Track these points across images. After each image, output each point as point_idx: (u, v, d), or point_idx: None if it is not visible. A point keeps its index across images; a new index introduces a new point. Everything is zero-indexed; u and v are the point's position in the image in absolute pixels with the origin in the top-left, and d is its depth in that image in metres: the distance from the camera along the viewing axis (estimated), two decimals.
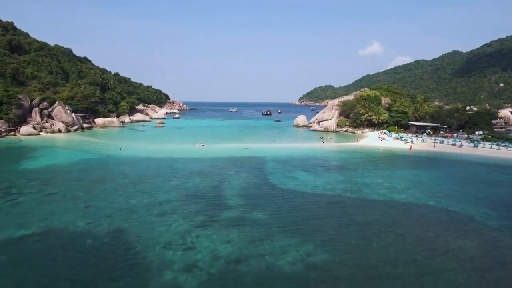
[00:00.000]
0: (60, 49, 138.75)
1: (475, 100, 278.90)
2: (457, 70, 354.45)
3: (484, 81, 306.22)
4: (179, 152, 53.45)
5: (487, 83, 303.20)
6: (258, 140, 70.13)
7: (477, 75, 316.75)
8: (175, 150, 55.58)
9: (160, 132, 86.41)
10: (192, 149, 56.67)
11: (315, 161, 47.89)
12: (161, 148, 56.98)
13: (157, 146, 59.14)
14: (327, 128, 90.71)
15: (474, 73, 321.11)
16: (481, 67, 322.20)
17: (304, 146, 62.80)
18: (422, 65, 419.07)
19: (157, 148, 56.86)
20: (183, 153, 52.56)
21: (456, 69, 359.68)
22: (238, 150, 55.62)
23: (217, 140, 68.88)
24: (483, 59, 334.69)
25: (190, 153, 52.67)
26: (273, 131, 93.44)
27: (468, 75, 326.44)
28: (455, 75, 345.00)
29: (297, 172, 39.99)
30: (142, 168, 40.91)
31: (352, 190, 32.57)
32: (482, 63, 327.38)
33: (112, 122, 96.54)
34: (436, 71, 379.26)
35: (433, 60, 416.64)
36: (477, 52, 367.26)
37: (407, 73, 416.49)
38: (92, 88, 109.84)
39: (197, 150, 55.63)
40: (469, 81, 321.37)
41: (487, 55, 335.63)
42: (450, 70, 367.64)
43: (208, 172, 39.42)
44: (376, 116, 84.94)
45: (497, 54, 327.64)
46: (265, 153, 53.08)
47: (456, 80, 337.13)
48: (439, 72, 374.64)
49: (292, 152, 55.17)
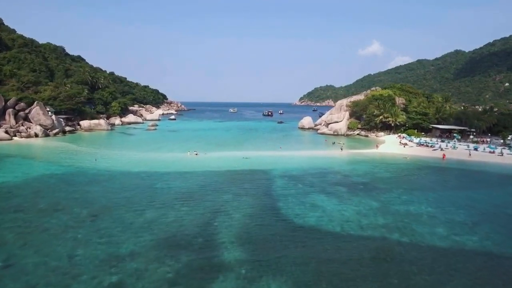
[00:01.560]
0: (49, 47, 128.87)
1: (480, 100, 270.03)
2: (460, 70, 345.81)
3: (489, 80, 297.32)
4: (166, 163, 43.57)
5: (492, 82, 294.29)
6: (261, 147, 60.29)
7: (481, 75, 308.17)
8: (163, 160, 45.72)
9: (151, 136, 76.45)
10: (183, 159, 46.80)
11: (333, 176, 37.99)
12: (146, 158, 47.10)
13: (141, 156, 49.22)
14: (337, 131, 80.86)
15: (478, 73, 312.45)
16: (485, 66, 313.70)
17: (315, 154, 52.87)
18: (424, 65, 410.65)
19: (141, 158, 46.95)
20: (172, 165, 42.67)
21: (459, 68, 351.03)
22: (238, 161, 45.77)
23: (213, 147, 59.02)
24: (487, 58, 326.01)
25: (180, 165, 42.78)
26: (276, 134, 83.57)
27: (472, 74, 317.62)
28: (459, 75, 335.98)
29: (315, 195, 30.11)
30: (112, 190, 31.00)
31: (398, 229, 22.67)
32: (486, 62, 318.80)
33: (99, 124, 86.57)
34: (438, 71, 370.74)
35: (435, 60, 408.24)
36: (480, 51, 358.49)
37: (409, 72, 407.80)
38: (80, 87, 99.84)
39: (188, 161, 45.76)
40: (473, 81, 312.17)
41: (491, 54, 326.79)
42: (453, 69, 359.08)
43: (198, 196, 29.49)
44: (392, 118, 75.10)
45: (502, 53, 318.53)
46: (270, 165, 43.22)
47: (459, 79, 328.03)
48: (442, 72, 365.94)
49: (303, 163, 45.30)
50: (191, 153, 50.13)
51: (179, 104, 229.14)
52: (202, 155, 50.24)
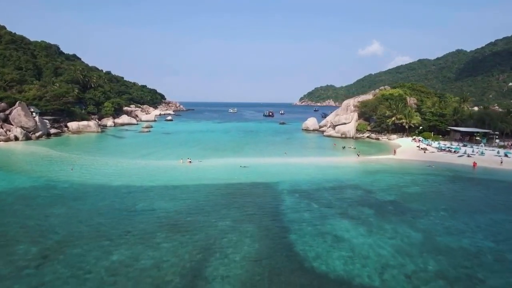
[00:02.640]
0: (40, 44, 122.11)
1: (483, 100, 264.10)
2: (463, 69, 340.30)
3: (492, 80, 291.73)
4: (154, 174, 36.89)
5: (495, 82, 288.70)
6: (263, 152, 53.69)
7: (484, 74, 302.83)
8: (150, 170, 39.03)
9: (143, 139, 69.70)
10: (174, 169, 40.13)
11: (353, 192, 31.35)
12: (131, 167, 40.40)
13: (127, 164, 42.52)
14: (345, 133, 74.27)
15: (480, 72, 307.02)
16: (488, 66, 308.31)
17: (326, 162, 46.18)
18: (425, 65, 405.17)
19: (125, 168, 40.26)
20: (160, 176, 36.01)
21: (461, 68, 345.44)
22: (237, 171, 39.13)
23: (209, 152, 52.37)
24: (490, 57, 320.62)
25: (170, 176, 36.12)
26: (279, 137, 76.95)
27: (475, 74, 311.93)
28: (461, 75, 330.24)
29: (335, 221, 23.50)
30: (80, 214, 24.35)
31: (461, 281, 16.08)
32: (489, 62, 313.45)
33: (88, 126, 79.89)
34: (440, 71, 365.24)
35: (436, 59, 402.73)
36: (482, 51, 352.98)
37: (410, 72, 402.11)
38: (70, 86, 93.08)
39: (180, 171, 39.09)
40: (476, 81, 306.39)
41: (494, 54, 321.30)
42: (455, 69, 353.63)
43: (187, 224, 22.84)
44: (406, 119, 68.52)
45: (505, 53, 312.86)
46: (275, 176, 36.58)
47: (462, 79, 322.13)
48: (444, 72, 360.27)
49: (314, 173, 38.64)
50: (183, 161, 43.47)
51: (177, 104, 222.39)
52: (196, 163, 43.60)
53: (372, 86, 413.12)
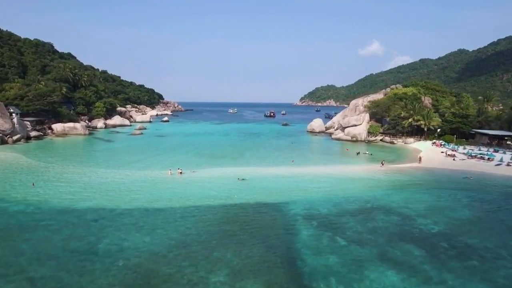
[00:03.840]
0: (29, 41, 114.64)
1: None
2: (465, 69, 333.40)
3: (496, 80, 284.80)
4: (133, 191, 29.48)
5: (499, 82, 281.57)
6: (267, 159, 46.34)
7: (488, 74, 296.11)
8: (130, 184, 31.63)
9: (133, 143, 62.19)
10: (160, 182, 32.74)
11: (387, 218, 23.97)
12: (108, 181, 32.99)
13: (104, 175, 35.11)
14: (356, 136, 66.91)
15: (484, 72, 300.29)
16: (492, 65, 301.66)
17: (343, 172, 38.61)
18: (427, 64, 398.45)
19: (101, 181, 32.85)
20: (140, 194, 28.58)
21: (464, 68, 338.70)
22: (236, 185, 31.79)
23: (205, 160, 45.00)
24: (493, 57, 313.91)
25: (152, 194, 28.71)
26: (283, 140, 69.55)
27: (478, 74, 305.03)
28: (464, 74, 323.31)
29: (376, 271, 16.18)
30: (16, 259, 17.02)
31: None
32: (492, 61, 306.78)
33: (75, 128, 72.50)
34: (443, 70, 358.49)
35: (438, 59, 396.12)
36: (485, 50, 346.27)
37: (412, 72, 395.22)
38: (57, 85, 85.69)
39: (166, 185, 31.69)
40: (479, 81, 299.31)
41: (497, 53, 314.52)
42: (457, 69, 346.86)
43: (160, 279, 15.51)
44: (424, 121, 61.16)
45: (508, 52, 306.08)
46: (283, 193, 29.21)
47: (465, 79, 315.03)
48: (447, 71, 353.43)
49: (331, 188, 31.23)
50: (173, 172, 36.13)
51: (176, 105, 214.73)
52: (188, 174, 36.25)
53: (374, 86, 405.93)
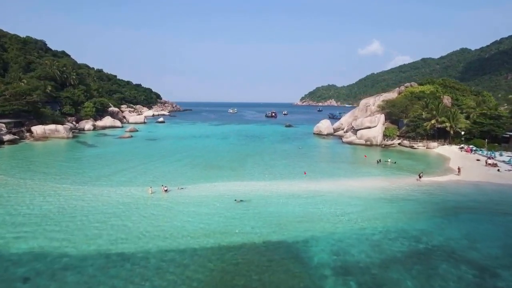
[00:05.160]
0: (16, 38, 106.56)
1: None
2: (468, 68, 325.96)
3: (500, 79, 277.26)
4: (96, 221, 21.19)
5: (503, 81, 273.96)
6: (273, 169, 38.13)
7: (492, 74, 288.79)
8: (94, 211, 23.34)
9: (118, 149, 53.90)
10: (135, 207, 24.52)
11: (453, 271, 15.78)
12: (67, 205, 24.65)
13: (65, 195, 26.85)
14: (370, 140, 58.78)
15: (488, 71, 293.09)
16: (496, 64, 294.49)
17: (369, 188, 30.31)
18: (429, 64, 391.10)
19: (55, 206, 24.52)
20: (104, 228, 20.30)
21: (467, 67, 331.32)
22: (235, 211, 23.68)
23: (198, 172, 36.75)
24: (497, 56, 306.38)
25: (120, 227, 20.45)
26: (289, 144, 61.39)
27: (481, 73, 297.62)
28: (467, 74, 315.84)
29: None
30: None
31: None
32: (496, 60, 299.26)
33: (57, 131, 64.40)
34: (445, 70, 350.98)
35: (440, 58, 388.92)
36: (488, 49, 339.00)
37: (414, 71, 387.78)
38: (41, 83, 77.67)
39: (142, 211, 23.48)
40: (483, 80, 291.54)
41: (501, 53, 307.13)
42: (460, 68, 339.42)
43: None
44: (450, 123, 53.07)
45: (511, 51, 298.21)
46: (299, 227, 20.98)
47: (469, 79, 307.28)
48: (449, 71, 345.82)
49: (361, 217, 22.96)
50: (154, 190, 28.01)
51: (174, 104, 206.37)
52: (175, 192, 28.17)
53: (375, 86, 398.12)
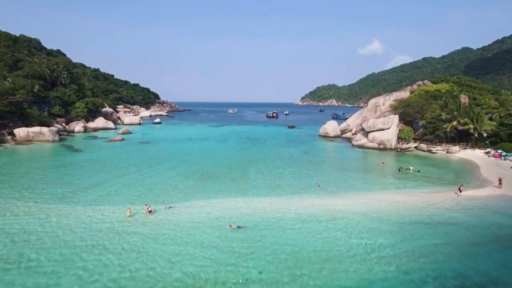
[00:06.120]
0: (6, 35, 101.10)
1: None
2: (470, 68, 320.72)
3: (503, 78, 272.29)
4: (42, 267, 15.56)
5: (507, 80, 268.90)
6: (279, 181, 32.45)
7: (495, 73, 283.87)
8: (50, 246, 17.54)
9: (105, 154, 48.01)
10: (106, 239, 18.75)
11: None
12: (17, 237, 19.07)
13: (17, 220, 21.19)
14: (383, 143, 53.10)
15: (490, 71, 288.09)
16: (498, 64, 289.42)
17: (400, 207, 24.64)
18: (430, 63, 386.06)
19: (2, 239, 19.01)
20: (51, 277, 14.75)
21: (469, 66, 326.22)
22: (234, 244, 18.01)
23: (191, 183, 30.98)
24: (500, 55, 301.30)
25: (73, 278, 14.86)
26: (294, 147, 55.65)
27: (484, 72, 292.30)
28: (469, 73, 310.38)
29: None
30: None
31: None
32: (499, 59, 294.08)
33: (41, 134, 58.73)
34: (447, 69, 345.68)
35: (442, 58, 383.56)
36: (490, 48, 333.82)
37: (415, 71, 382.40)
38: (28, 82, 72.08)
39: (112, 246, 17.66)
40: (486, 79, 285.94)
41: (503, 52, 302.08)
42: (462, 67, 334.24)
43: None
44: (474, 124, 47.42)
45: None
46: (323, 272, 15.35)
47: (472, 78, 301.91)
48: (451, 70, 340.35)
49: (402, 254, 17.25)
50: (132, 212, 22.29)
51: (172, 105, 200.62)
52: (162, 212, 22.52)
53: (376, 85, 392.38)
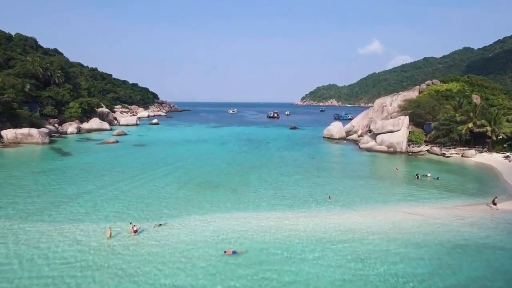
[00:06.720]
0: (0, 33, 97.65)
1: None
2: (472, 68, 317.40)
3: (506, 78, 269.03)
4: None
5: (509, 80, 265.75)
6: (284, 192, 28.96)
7: (496, 73, 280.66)
8: (5, 278, 14.30)
9: (96, 158, 44.39)
10: (77, 269, 15.20)
11: None
12: None
13: None
14: (393, 146, 49.65)
15: (492, 71, 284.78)
16: (500, 64, 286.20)
17: (424, 224, 21.07)
18: (431, 63, 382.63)
19: None
20: None
21: (470, 66, 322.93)
22: (232, 283, 14.58)
23: (185, 194, 27.44)
24: (501, 55, 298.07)
25: None
26: (299, 151, 52.11)
27: (485, 72, 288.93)
28: (471, 73, 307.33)
29: None
30: None
31: None
32: (501, 59, 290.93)
33: (30, 136, 55.23)
34: (448, 69, 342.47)
35: (442, 58, 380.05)
36: (492, 48, 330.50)
37: (416, 71, 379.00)
38: (19, 81, 68.60)
39: (83, 277, 14.38)
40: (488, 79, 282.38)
41: (505, 51, 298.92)
42: (464, 67, 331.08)
43: None
44: (491, 126, 43.99)
45: None
46: None
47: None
48: (453, 70, 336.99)
49: None
50: (112, 233, 18.80)
51: (171, 105, 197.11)
52: (148, 233, 19.06)
53: (377, 85, 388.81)
